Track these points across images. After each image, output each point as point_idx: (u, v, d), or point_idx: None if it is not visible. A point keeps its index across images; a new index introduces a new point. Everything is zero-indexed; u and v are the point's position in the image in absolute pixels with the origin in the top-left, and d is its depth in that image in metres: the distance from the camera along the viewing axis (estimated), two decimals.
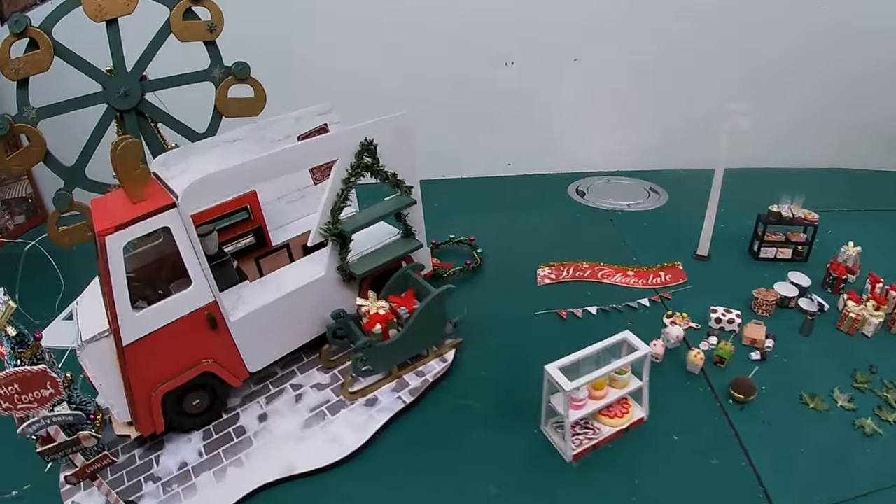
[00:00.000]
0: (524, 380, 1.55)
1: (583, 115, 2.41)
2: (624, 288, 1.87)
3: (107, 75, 1.61)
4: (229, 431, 1.50)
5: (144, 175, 1.36)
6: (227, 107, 1.69)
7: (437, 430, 1.48)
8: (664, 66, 2.23)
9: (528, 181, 2.60)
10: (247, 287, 1.53)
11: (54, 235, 1.68)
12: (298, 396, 1.56)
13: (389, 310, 1.51)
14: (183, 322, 1.38)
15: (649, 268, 1.92)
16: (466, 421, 1.49)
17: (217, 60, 1.67)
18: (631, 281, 1.88)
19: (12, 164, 1.63)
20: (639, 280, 1.88)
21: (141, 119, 1.66)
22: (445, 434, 1.46)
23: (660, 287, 1.85)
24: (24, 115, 1.59)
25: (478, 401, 1.53)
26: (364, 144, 1.48)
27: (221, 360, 1.46)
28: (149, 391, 1.40)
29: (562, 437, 1.42)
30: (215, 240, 1.52)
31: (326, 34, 2.39)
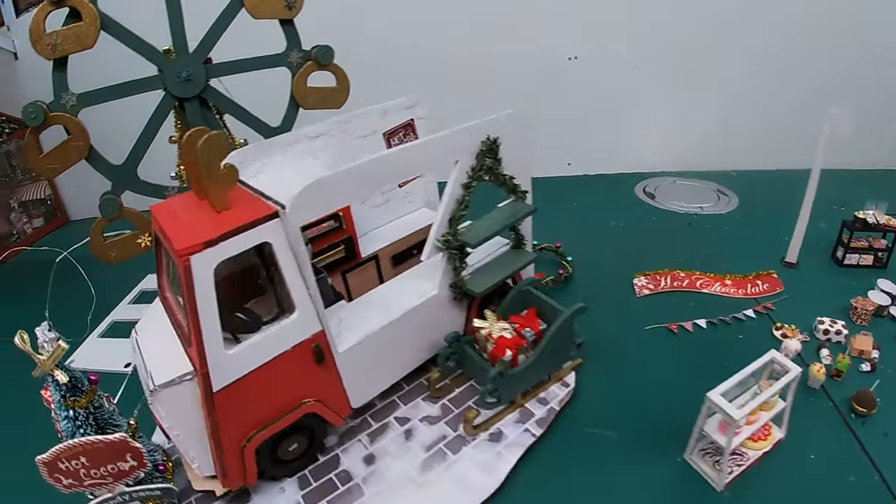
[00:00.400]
0: (653, 403, 1.26)
1: (645, 112, 2.11)
2: (724, 298, 1.58)
3: (165, 56, 1.20)
4: (331, 478, 1.13)
5: (232, 176, 0.98)
6: (306, 97, 1.30)
7: (572, 464, 1.15)
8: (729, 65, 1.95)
9: (591, 181, 2.27)
10: (345, 309, 1.17)
11: (99, 249, 1.26)
12: (408, 432, 1.20)
13: (515, 332, 1.18)
14: (284, 357, 1.02)
15: (745, 276, 1.63)
16: (602, 452, 1.17)
17: (295, 43, 1.27)
18: (730, 290, 1.59)
19: (46, 163, 1.20)
20: (738, 289, 1.59)
21: (204, 109, 1.25)
22: (582, 468, 1.14)
23: (760, 297, 1.57)
24: (62, 102, 1.17)
25: (609, 429, 1.21)
26: (487, 143, 1.13)
27: (325, 397, 1.10)
28: (241, 441, 1.03)
29: (711, 466, 1.13)
30: (309, 254, 1.15)
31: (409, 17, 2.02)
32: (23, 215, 2.75)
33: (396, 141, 1.34)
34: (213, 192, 0.96)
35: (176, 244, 0.89)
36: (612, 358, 1.38)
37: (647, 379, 1.31)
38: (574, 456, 1.17)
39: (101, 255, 1.27)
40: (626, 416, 1.25)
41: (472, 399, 1.26)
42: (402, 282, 1.21)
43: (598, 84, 2.08)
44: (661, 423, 1.21)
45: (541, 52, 2.03)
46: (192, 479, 1.11)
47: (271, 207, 0.94)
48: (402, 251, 1.37)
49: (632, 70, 2.03)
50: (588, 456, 1.17)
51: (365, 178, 0.98)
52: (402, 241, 1.37)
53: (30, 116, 1.15)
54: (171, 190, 1.27)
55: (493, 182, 1.19)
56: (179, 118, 1.25)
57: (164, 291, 1.19)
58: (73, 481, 0.88)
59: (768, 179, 2.08)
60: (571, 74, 2.10)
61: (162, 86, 1.21)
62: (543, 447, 1.20)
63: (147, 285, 2.05)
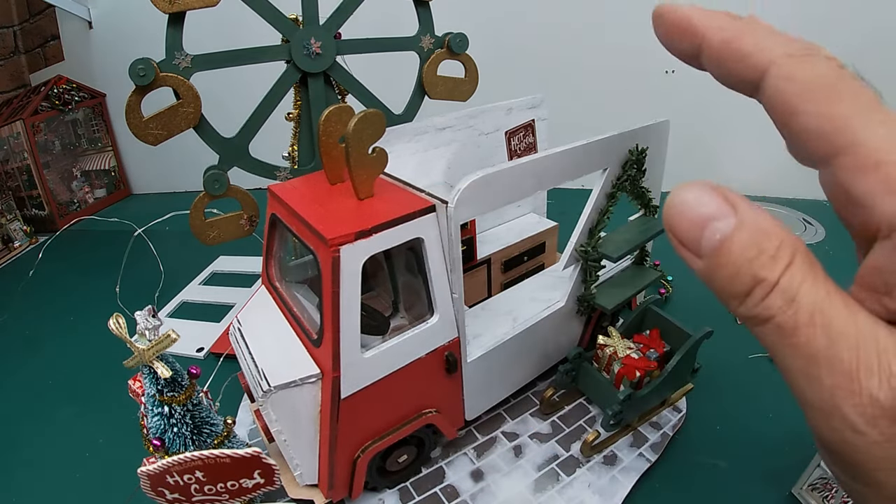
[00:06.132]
0: (762, 433, 1.11)
1: (737, 133, 1.95)
2: None
3: (293, 24, 1.04)
4: (436, 492, 0.99)
5: (382, 162, 0.82)
6: (434, 85, 1.15)
7: (683, 492, 1.01)
8: None
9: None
10: (468, 315, 1.02)
11: (199, 228, 1.10)
12: (517, 449, 1.05)
13: (641, 353, 1.03)
14: (416, 364, 0.87)
15: None
16: (712, 481, 1.03)
17: (428, 27, 1.12)
18: None
19: (150, 128, 1.03)
20: None
21: (328, 87, 1.09)
22: (693, 497, 1.00)
23: None
24: (175, 62, 1.01)
25: (719, 458, 1.07)
26: (634, 153, 0.98)
27: (444, 408, 0.95)
28: (356, 451, 0.88)
29: (820, 501, 0.99)
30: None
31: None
32: (85, 184, 2.60)
33: (516, 141, 1.19)
34: (359, 178, 0.81)
35: (325, 233, 0.74)
36: (719, 385, 1.23)
37: (755, 408, 1.17)
38: (685, 484, 1.03)
39: (200, 234, 1.11)
40: (736, 445, 1.10)
41: (584, 418, 1.11)
42: (526, 290, 1.06)
43: (689, 99, 1.92)
44: (771, 454, 1.07)
45: (638, 65, 1.88)
46: (286, 484, 0.96)
47: (427, 201, 0.79)
48: (513, 257, 1.21)
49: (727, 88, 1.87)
50: (699, 485, 1.03)
51: (527, 178, 0.83)
52: (514, 247, 1.22)
53: (138, 74, 0.97)
54: (282, 170, 1.11)
55: (630, 194, 1.04)
56: (298, 94, 1.08)
57: (273, 280, 1.03)
58: (179, 496, 0.73)
59: None
60: (667, 88, 1.95)
61: (287, 57, 1.05)
62: (655, 473, 1.05)
63: (219, 267, 1.91)
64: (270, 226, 1.00)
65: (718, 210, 0.38)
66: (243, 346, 0.94)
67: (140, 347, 0.74)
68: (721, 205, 0.38)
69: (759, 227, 0.37)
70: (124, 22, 2.50)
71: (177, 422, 0.80)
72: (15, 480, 1.12)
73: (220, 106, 1.20)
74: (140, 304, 0.78)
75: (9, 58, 2.90)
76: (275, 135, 1.15)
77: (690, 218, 0.39)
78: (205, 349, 1.42)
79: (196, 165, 1.18)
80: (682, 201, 0.39)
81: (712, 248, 0.38)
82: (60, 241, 1.87)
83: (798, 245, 0.37)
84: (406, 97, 1.20)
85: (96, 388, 1.39)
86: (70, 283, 2.01)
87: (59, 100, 2.44)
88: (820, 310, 0.35)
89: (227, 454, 0.69)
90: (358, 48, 1.09)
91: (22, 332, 1.72)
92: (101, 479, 1.10)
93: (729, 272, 0.37)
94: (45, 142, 2.42)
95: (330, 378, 0.80)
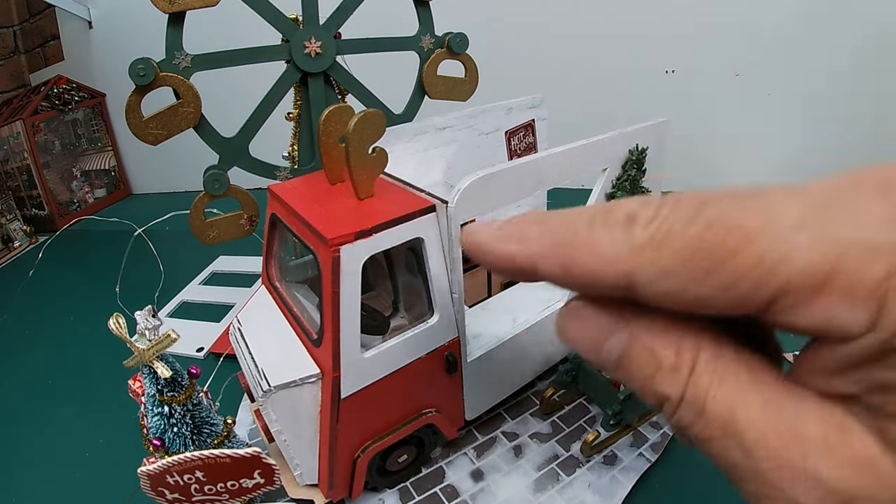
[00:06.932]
0: None
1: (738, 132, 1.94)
2: None
3: (293, 24, 1.04)
4: (436, 492, 0.98)
5: (382, 161, 0.82)
6: (434, 85, 1.14)
7: (684, 491, 1.00)
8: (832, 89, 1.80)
9: None
10: (469, 315, 1.02)
11: (199, 228, 1.10)
12: (517, 449, 1.05)
13: None
14: (416, 364, 0.87)
15: None
16: (713, 482, 1.01)
17: (428, 27, 1.12)
18: None
19: (151, 128, 1.03)
20: None
21: (327, 87, 1.09)
22: (694, 495, 0.99)
23: None
24: (175, 62, 1.00)
25: None
26: (634, 153, 0.98)
27: (444, 408, 0.95)
28: (356, 451, 0.88)
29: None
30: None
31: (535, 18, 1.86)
32: (85, 184, 2.60)
33: (516, 141, 1.19)
34: (359, 178, 0.81)
35: (325, 233, 0.74)
36: None
37: None
38: (685, 484, 1.03)
39: (199, 234, 1.10)
40: None
41: (584, 418, 1.11)
42: (526, 290, 1.06)
43: (688, 100, 1.93)
44: None
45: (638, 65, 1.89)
46: (286, 484, 0.95)
47: (427, 201, 0.79)
48: None
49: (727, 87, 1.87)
50: (699, 485, 1.02)
51: (527, 178, 0.83)
52: None
53: (138, 74, 0.97)
54: (282, 170, 1.11)
55: (630, 194, 1.04)
56: (298, 93, 1.08)
57: (273, 280, 1.03)
58: (179, 496, 0.73)
59: None
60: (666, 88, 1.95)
61: (287, 56, 1.05)
62: (655, 473, 1.05)
63: (219, 267, 1.90)
64: (270, 226, 1.00)
65: (611, 324, 0.36)
66: (243, 346, 0.94)
67: (140, 347, 0.74)
68: (611, 319, 0.36)
69: (653, 337, 0.34)
70: (124, 22, 2.50)
71: (177, 422, 0.80)
72: (15, 480, 1.12)
73: (220, 106, 1.20)
74: (140, 304, 0.78)
75: (9, 58, 2.90)
76: (275, 135, 1.15)
77: (587, 332, 0.37)
78: (205, 349, 1.42)
79: (196, 165, 1.18)
80: (577, 313, 0.37)
81: (613, 365, 0.36)
82: (60, 241, 1.87)
83: (701, 342, 0.34)
84: (406, 97, 1.20)
85: (96, 388, 1.39)
86: (70, 283, 2.01)
87: (59, 100, 2.44)
88: (731, 418, 0.32)
89: (227, 454, 0.69)
90: (358, 48, 1.09)
91: (22, 332, 1.72)
92: (101, 479, 1.10)
93: (636, 386, 0.35)
94: (45, 142, 2.42)
95: (330, 378, 0.80)
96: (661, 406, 0.34)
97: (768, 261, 0.29)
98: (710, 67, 1.89)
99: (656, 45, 1.89)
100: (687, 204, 0.32)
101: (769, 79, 1.86)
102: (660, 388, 0.34)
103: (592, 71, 1.99)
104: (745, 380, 0.33)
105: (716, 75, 1.89)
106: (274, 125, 1.12)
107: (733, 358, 0.33)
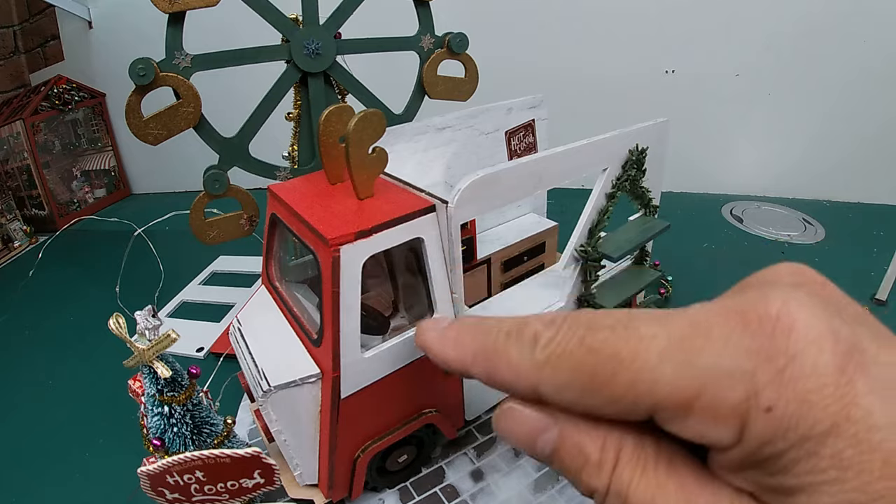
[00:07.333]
0: None
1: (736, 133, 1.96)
2: None
3: (293, 24, 1.04)
4: (436, 492, 0.99)
5: (382, 161, 0.82)
6: (434, 85, 1.14)
7: None
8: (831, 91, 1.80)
9: (674, 199, 2.02)
10: (468, 314, 1.02)
11: (198, 228, 1.10)
12: (517, 449, 1.06)
13: None
14: (416, 364, 0.87)
15: None
16: None
17: (428, 27, 1.12)
18: None
19: (151, 128, 1.03)
20: None
21: (328, 87, 1.09)
22: None
23: None
24: (175, 62, 1.00)
25: None
26: (634, 153, 0.98)
27: (444, 408, 0.95)
28: (356, 451, 0.88)
29: None
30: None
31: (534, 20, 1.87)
32: (85, 184, 2.60)
33: (516, 141, 1.19)
34: (360, 178, 0.81)
35: (325, 233, 0.74)
36: None
37: None
38: None
39: (199, 233, 1.10)
40: None
41: None
42: (526, 289, 1.06)
43: (689, 99, 1.93)
44: None
45: (638, 65, 1.89)
46: (286, 484, 0.95)
47: (427, 201, 0.79)
48: (513, 257, 1.21)
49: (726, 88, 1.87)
50: None
51: (527, 178, 0.83)
52: (514, 247, 1.22)
53: (138, 74, 0.97)
54: (282, 170, 1.11)
55: (630, 194, 1.04)
56: (298, 94, 1.08)
57: (273, 280, 1.03)
58: (179, 496, 0.73)
59: (855, 212, 1.92)
60: (665, 88, 1.96)
61: (287, 56, 1.05)
62: None
63: (219, 267, 1.90)
64: (270, 226, 1.00)
65: (542, 423, 0.39)
66: (243, 346, 0.94)
67: (140, 347, 0.74)
68: (541, 418, 0.40)
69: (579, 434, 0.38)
70: (124, 22, 2.49)
71: (177, 422, 0.80)
72: (15, 480, 1.12)
73: (220, 106, 1.20)
74: (140, 304, 0.77)
75: (9, 58, 2.90)
76: (275, 135, 1.15)
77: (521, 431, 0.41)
78: (205, 349, 1.42)
79: (196, 165, 1.18)
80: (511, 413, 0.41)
81: (547, 459, 0.40)
82: (60, 241, 1.87)
83: (624, 438, 0.37)
84: (406, 97, 1.19)
85: (96, 388, 1.39)
86: (70, 283, 2.01)
87: (59, 100, 2.44)
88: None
89: (227, 454, 0.69)
90: (358, 48, 1.09)
91: (22, 332, 1.72)
92: (101, 479, 1.10)
93: (567, 478, 0.39)
94: (45, 142, 2.42)
95: (330, 378, 0.80)
96: (592, 496, 0.38)
97: (639, 385, 0.34)
98: (710, 67, 1.89)
99: (656, 45, 1.89)
100: (577, 327, 0.38)
101: (769, 79, 1.86)
102: (587, 481, 0.38)
103: (592, 71, 1.99)
104: (663, 473, 0.36)
105: (716, 75, 1.89)
106: (274, 125, 1.12)
107: (653, 453, 0.37)
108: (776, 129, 1.92)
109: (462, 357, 0.45)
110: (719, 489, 0.35)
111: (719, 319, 0.34)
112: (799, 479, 0.30)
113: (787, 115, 1.89)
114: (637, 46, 1.87)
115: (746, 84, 1.88)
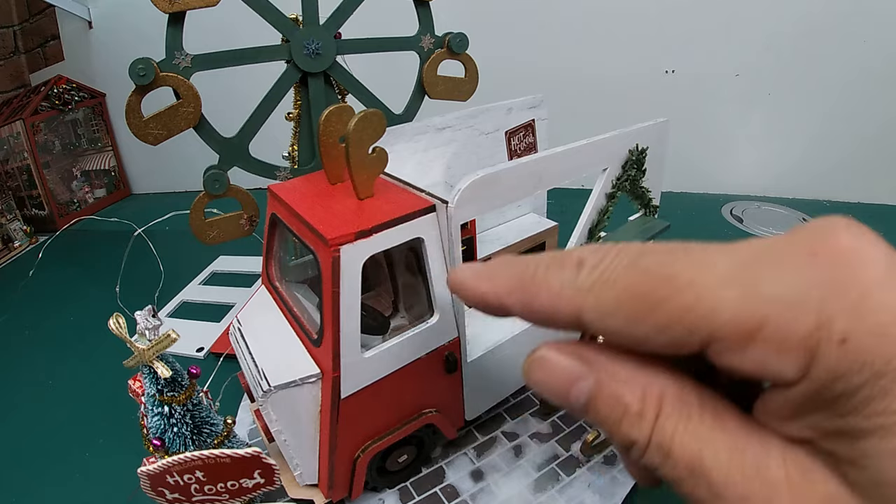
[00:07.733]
0: None
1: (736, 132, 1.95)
2: None
3: (293, 24, 1.04)
4: (436, 492, 0.99)
5: (382, 161, 0.82)
6: (434, 85, 1.14)
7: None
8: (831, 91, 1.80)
9: (674, 199, 2.02)
10: (468, 315, 1.02)
11: (198, 227, 1.10)
12: (517, 449, 1.05)
13: None
14: (416, 364, 0.87)
15: None
16: None
17: (428, 27, 1.11)
18: None
19: (151, 128, 1.03)
20: None
21: (328, 87, 1.09)
22: None
23: None
24: (175, 62, 1.00)
25: None
26: (634, 153, 0.98)
27: (444, 408, 0.95)
28: (356, 451, 0.88)
29: None
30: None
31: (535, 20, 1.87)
32: (85, 184, 2.60)
33: (516, 141, 1.19)
34: (360, 178, 0.81)
35: (325, 233, 0.74)
36: None
37: None
38: None
39: (199, 234, 1.10)
40: None
41: None
42: None
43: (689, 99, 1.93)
44: None
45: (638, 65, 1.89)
46: (286, 484, 0.95)
47: (427, 201, 0.79)
48: None
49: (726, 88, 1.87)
50: None
51: (527, 178, 0.83)
52: (514, 247, 1.22)
53: (138, 74, 0.97)
54: (282, 170, 1.11)
55: (630, 195, 1.04)
56: (298, 94, 1.08)
57: (273, 280, 1.03)
58: (179, 496, 0.73)
59: (855, 212, 1.89)
60: (665, 88, 1.95)
61: (287, 56, 1.05)
62: None
63: (219, 267, 1.90)
64: (270, 226, 1.00)
65: (577, 371, 0.37)
66: (243, 346, 0.94)
67: (140, 347, 0.74)
68: (576, 365, 0.37)
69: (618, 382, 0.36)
70: (124, 22, 2.49)
71: (177, 422, 0.80)
72: (15, 480, 1.12)
73: (220, 106, 1.20)
74: (140, 304, 0.77)
75: (9, 58, 2.90)
76: (275, 135, 1.15)
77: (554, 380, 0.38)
78: (205, 349, 1.42)
79: (196, 165, 1.18)
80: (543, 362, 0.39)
81: (581, 409, 0.37)
82: (60, 241, 1.87)
83: (665, 386, 0.35)
84: (406, 97, 1.19)
85: (96, 388, 1.39)
86: (70, 283, 2.01)
87: (59, 100, 2.44)
88: (699, 461, 0.33)
89: (227, 454, 0.69)
90: (358, 48, 1.09)
91: (22, 332, 1.72)
92: (101, 479, 1.10)
93: (604, 430, 0.37)
94: (45, 142, 2.42)
95: (330, 378, 0.80)
96: (629, 450, 0.36)
97: (697, 310, 0.31)
98: (710, 67, 1.89)
99: (656, 45, 1.89)
100: (628, 252, 0.36)
101: (769, 79, 1.86)
102: (627, 432, 0.35)
103: (592, 71, 1.99)
104: (709, 423, 0.34)
105: (716, 75, 1.89)
106: (274, 125, 1.12)
107: (697, 402, 0.35)
108: (776, 129, 1.92)
109: (496, 289, 0.41)
110: (768, 439, 0.33)
111: (787, 248, 0.32)
112: (870, 420, 0.28)
113: (787, 115, 1.89)
114: (637, 46, 1.87)
115: (746, 84, 1.88)
